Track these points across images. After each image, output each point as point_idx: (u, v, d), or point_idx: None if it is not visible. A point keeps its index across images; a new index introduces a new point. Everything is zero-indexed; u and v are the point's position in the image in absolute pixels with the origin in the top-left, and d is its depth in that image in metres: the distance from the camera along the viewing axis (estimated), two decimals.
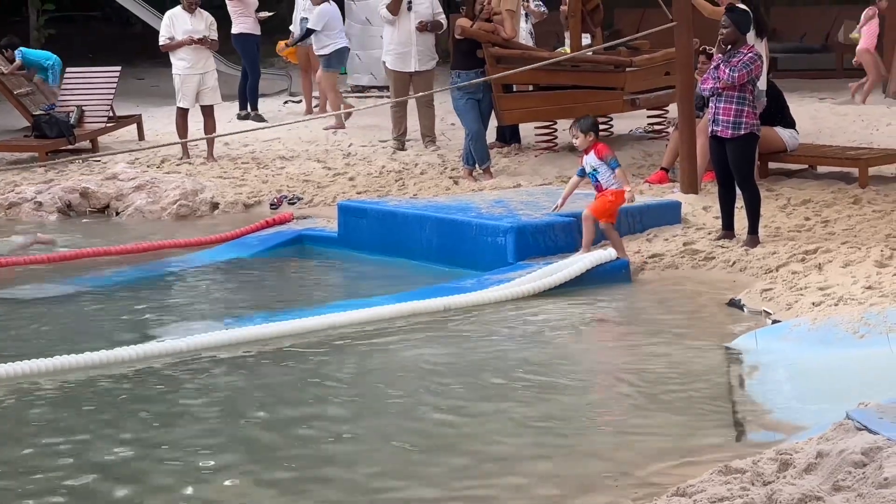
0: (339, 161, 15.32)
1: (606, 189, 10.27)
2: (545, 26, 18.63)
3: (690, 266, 10.14)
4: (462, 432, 6.88)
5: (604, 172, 10.28)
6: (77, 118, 17.16)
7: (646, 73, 14.58)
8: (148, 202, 13.61)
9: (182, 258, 11.39)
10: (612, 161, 10.30)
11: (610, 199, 10.23)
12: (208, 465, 6.43)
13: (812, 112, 17.12)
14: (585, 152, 10.44)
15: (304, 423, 7.05)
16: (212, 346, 8.37)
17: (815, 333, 8.11)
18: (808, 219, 11.12)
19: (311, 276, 11.17)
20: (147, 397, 7.58)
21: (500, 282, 9.80)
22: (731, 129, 10.33)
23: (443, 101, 16.03)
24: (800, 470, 5.39)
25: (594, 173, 10.33)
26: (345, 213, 11.65)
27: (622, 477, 6.11)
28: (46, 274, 10.86)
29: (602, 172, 10.28)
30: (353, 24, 22.03)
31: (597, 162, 10.30)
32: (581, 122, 10.48)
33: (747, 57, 10.31)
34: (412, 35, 15.47)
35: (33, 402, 7.47)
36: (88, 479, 6.26)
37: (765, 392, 7.36)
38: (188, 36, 16.02)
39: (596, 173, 10.32)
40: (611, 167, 10.27)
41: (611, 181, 10.27)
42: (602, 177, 10.28)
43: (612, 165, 10.28)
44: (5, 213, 13.67)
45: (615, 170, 10.26)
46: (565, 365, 8.22)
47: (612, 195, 10.22)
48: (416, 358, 8.30)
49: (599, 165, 10.29)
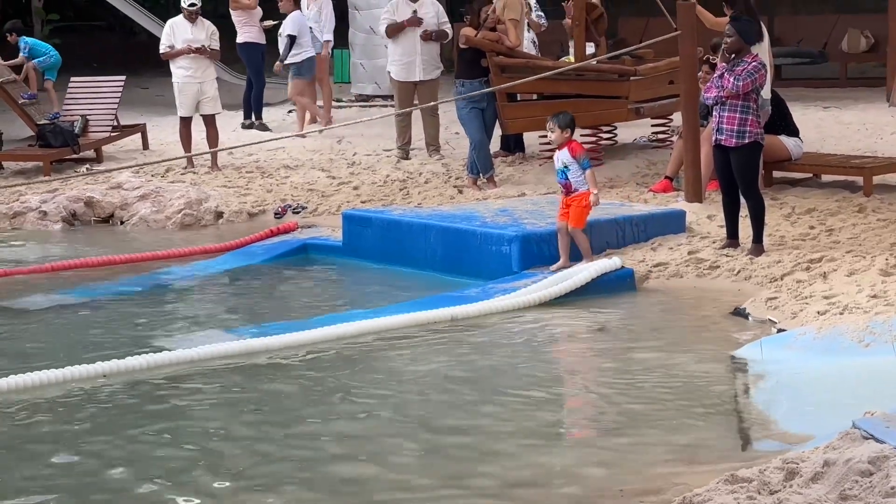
0: (343, 170, 15.33)
1: (575, 189, 10.27)
2: (549, 35, 18.63)
3: (695, 275, 10.14)
4: (463, 441, 6.87)
5: (574, 171, 10.30)
6: (81, 127, 17.18)
7: (650, 82, 14.58)
8: (152, 211, 13.62)
9: (187, 267, 11.38)
10: (585, 161, 10.33)
11: (584, 205, 10.24)
12: (211, 472, 6.44)
13: (816, 121, 17.12)
14: (559, 148, 10.45)
15: (296, 434, 7.06)
16: (215, 356, 8.37)
17: (820, 342, 8.10)
18: (812, 227, 11.12)
19: (316, 285, 11.15)
20: (155, 408, 7.58)
21: (505, 291, 9.80)
22: (735, 138, 10.33)
23: (447, 110, 16.04)
24: (806, 479, 5.39)
25: (564, 170, 10.35)
26: (349, 222, 11.65)
27: (628, 486, 6.10)
28: (52, 284, 10.86)
29: (573, 171, 10.30)
30: (357, 34, 22.07)
31: (569, 159, 10.32)
32: (559, 118, 10.49)
33: (751, 66, 10.31)
34: (417, 44, 15.49)
35: (56, 411, 7.48)
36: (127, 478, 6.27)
37: (770, 401, 7.35)
38: (187, 45, 16.04)
39: (566, 171, 10.33)
40: (582, 167, 10.30)
41: (580, 181, 10.28)
42: (572, 175, 10.30)
43: (583, 165, 10.31)
44: (10, 223, 13.68)
45: (586, 170, 10.28)
46: (569, 374, 8.23)
47: (585, 201, 10.22)
48: (419, 368, 8.30)
49: (571, 163, 10.31)
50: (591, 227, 10.63)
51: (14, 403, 7.55)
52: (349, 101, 21.81)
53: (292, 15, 17.93)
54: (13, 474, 6.47)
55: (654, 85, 14.69)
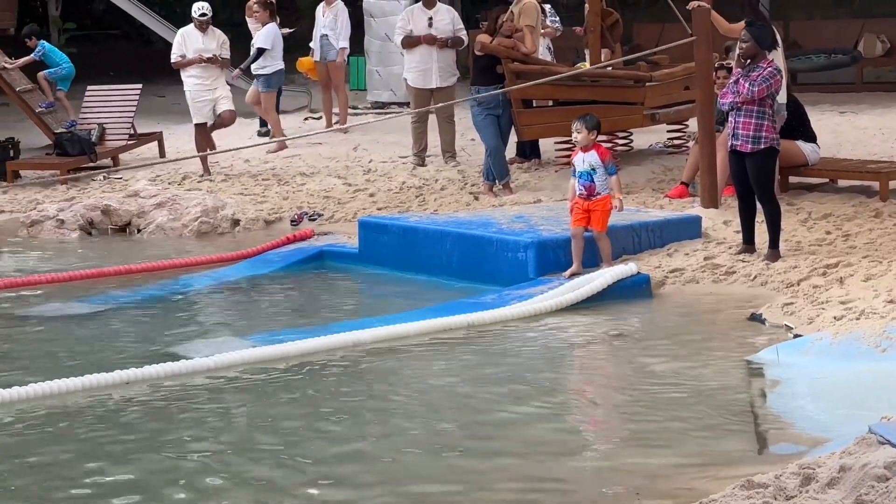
0: (359, 177, 15.36)
1: (598, 192, 10.27)
2: (564, 41, 18.65)
3: (711, 280, 10.13)
4: (478, 446, 6.88)
5: (601, 175, 10.30)
6: (98, 136, 17.25)
7: (665, 88, 14.59)
8: (169, 219, 13.65)
9: (205, 275, 11.40)
10: (612, 167, 10.35)
11: (608, 209, 10.25)
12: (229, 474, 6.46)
13: (833, 126, 17.10)
14: (585, 150, 10.44)
15: (310, 437, 7.08)
16: (233, 364, 8.40)
17: (836, 347, 8.09)
18: (829, 233, 11.11)
19: (332, 292, 11.18)
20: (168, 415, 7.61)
21: (521, 297, 9.80)
22: (750, 144, 10.33)
23: (463, 116, 16.06)
24: (822, 484, 5.38)
25: (590, 172, 10.33)
26: (365, 229, 11.67)
27: (644, 490, 6.11)
28: (72, 291, 10.89)
29: (599, 174, 10.31)
30: (373, 41, 22.10)
31: (598, 162, 10.32)
32: (587, 119, 10.49)
33: (767, 71, 10.31)
34: (433, 52, 15.52)
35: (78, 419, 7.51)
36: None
37: (786, 406, 7.35)
38: (198, 54, 16.12)
39: (593, 173, 10.32)
40: (609, 172, 10.30)
41: (604, 185, 10.28)
42: (598, 178, 10.30)
43: (610, 171, 10.32)
44: (27, 231, 13.72)
45: (613, 176, 10.28)
46: (585, 380, 8.24)
47: (609, 205, 10.24)
48: (434, 375, 8.33)
49: (599, 167, 10.31)
50: (608, 233, 10.64)
51: (36, 410, 7.59)
52: (365, 108, 21.84)
53: (270, 27, 17.94)
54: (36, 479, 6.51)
55: (669, 91, 14.69)
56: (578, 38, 17.84)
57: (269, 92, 17.85)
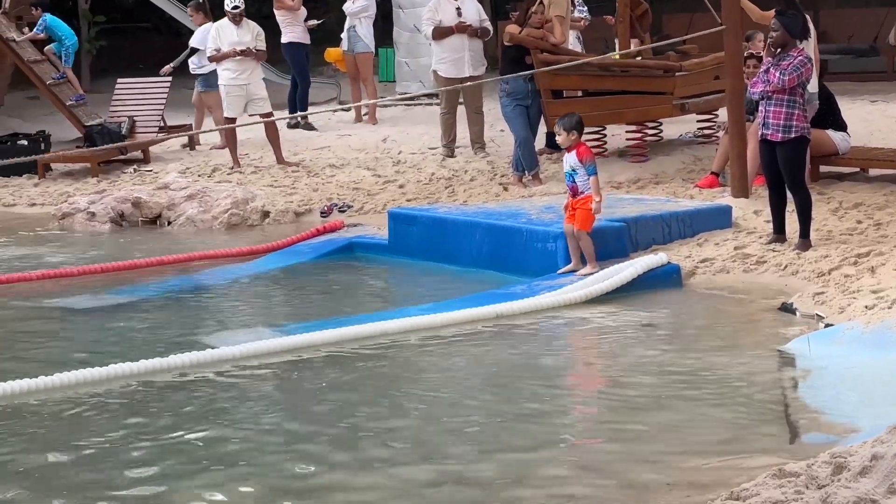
0: (388, 169, 15.37)
1: (581, 192, 10.24)
2: (593, 32, 18.61)
3: (742, 270, 10.11)
4: (509, 434, 6.89)
5: (581, 175, 10.28)
6: (129, 128, 17.30)
7: (695, 78, 14.54)
8: (199, 211, 13.69)
9: (236, 267, 11.45)
10: (590, 167, 10.28)
11: (588, 208, 10.20)
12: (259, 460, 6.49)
13: (863, 115, 17.02)
14: (567, 150, 10.42)
15: (336, 426, 7.11)
16: (260, 353, 8.45)
17: (868, 336, 8.07)
18: (860, 222, 11.06)
19: (362, 283, 11.20)
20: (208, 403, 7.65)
21: (551, 288, 9.80)
22: (781, 133, 10.29)
23: (492, 108, 16.05)
24: (854, 473, 5.37)
25: (572, 173, 10.32)
26: (395, 220, 11.69)
27: (676, 480, 6.10)
28: (102, 283, 10.94)
29: (580, 175, 10.28)
30: (402, 32, 22.10)
31: (576, 163, 10.30)
32: (563, 120, 10.46)
33: (797, 60, 10.27)
34: (465, 40, 15.51)
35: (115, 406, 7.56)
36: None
37: (818, 395, 7.34)
38: (233, 47, 16.14)
39: (574, 174, 10.31)
40: (588, 172, 10.26)
41: (586, 185, 10.25)
42: (579, 179, 10.28)
43: (589, 171, 10.27)
44: (59, 224, 13.78)
45: (591, 176, 10.25)
46: (616, 370, 8.22)
47: (587, 204, 10.20)
48: (464, 364, 8.35)
49: (578, 167, 10.29)
50: (638, 223, 10.63)
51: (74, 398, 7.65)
52: (394, 99, 21.85)
53: (202, 28, 18.07)
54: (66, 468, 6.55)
55: (699, 80, 14.65)
56: (608, 28, 17.81)
57: (208, 91, 17.91)
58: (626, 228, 10.60)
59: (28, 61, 18.29)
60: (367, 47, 19.25)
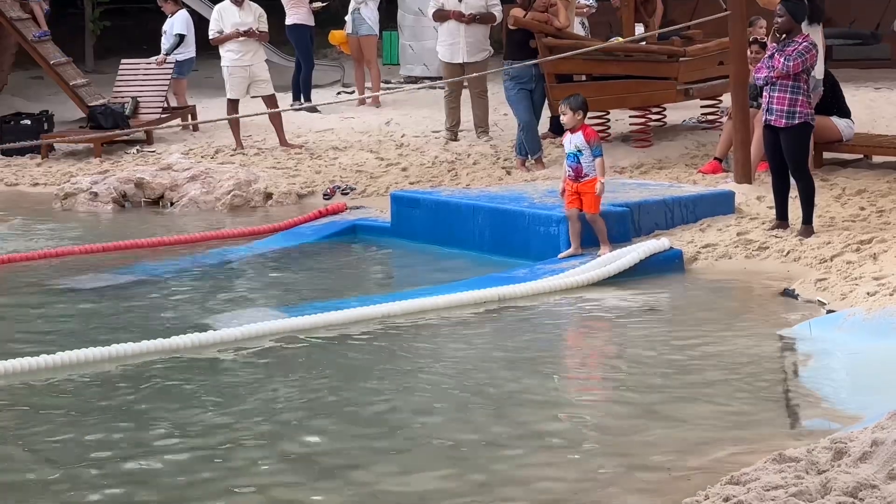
0: (392, 151, 15.36)
1: (585, 174, 10.23)
2: (598, 16, 18.57)
3: (744, 256, 10.11)
4: (506, 417, 6.89)
5: (587, 156, 10.26)
6: (132, 109, 17.29)
7: (699, 63, 14.52)
8: (202, 192, 13.68)
9: (238, 247, 11.46)
10: (597, 149, 10.30)
11: (594, 191, 10.21)
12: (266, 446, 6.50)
13: (867, 102, 16.99)
14: (572, 131, 10.41)
15: (338, 412, 7.11)
16: (269, 332, 8.46)
17: (869, 323, 8.08)
18: (862, 209, 11.06)
19: (364, 265, 11.21)
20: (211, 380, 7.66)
21: (553, 272, 9.81)
22: (785, 119, 10.28)
23: (495, 91, 16.03)
24: (855, 458, 5.37)
25: (577, 154, 10.30)
26: (398, 203, 11.69)
27: (676, 463, 6.11)
28: (104, 263, 10.95)
29: (585, 156, 10.27)
30: (406, 15, 22.06)
31: (583, 144, 10.28)
32: (571, 100, 10.43)
33: (802, 46, 10.26)
34: (460, 27, 15.46)
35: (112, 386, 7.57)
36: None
37: (819, 381, 7.35)
38: (235, 28, 16.13)
39: (579, 154, 10.29)
40: (594, 154, 10.25)
41: (591, 167, 10.24)
42: (584, 160, 10.27)
43: (595, 153, 10.26)
44: (61, 204, 13.78)
45: (598, 158, 10.25)
46: (618, 353, 8.23)
47: (594, 188, 10.20)
48: (465, 347, 8.35)
49: (585, 148, 10.28)
50: (641, 208, 10.62)
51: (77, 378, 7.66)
52: (398, 82, 21.81)
53: (183, 13, 18.45)
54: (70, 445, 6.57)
55: (703, 66, 14.63)
56: (612, 13, 17.76)
57: (179, 78, 18.24)
58: (629, 213, 10.60)
59: (32, 41, 18.27)
60: (371, 30, 19.23)
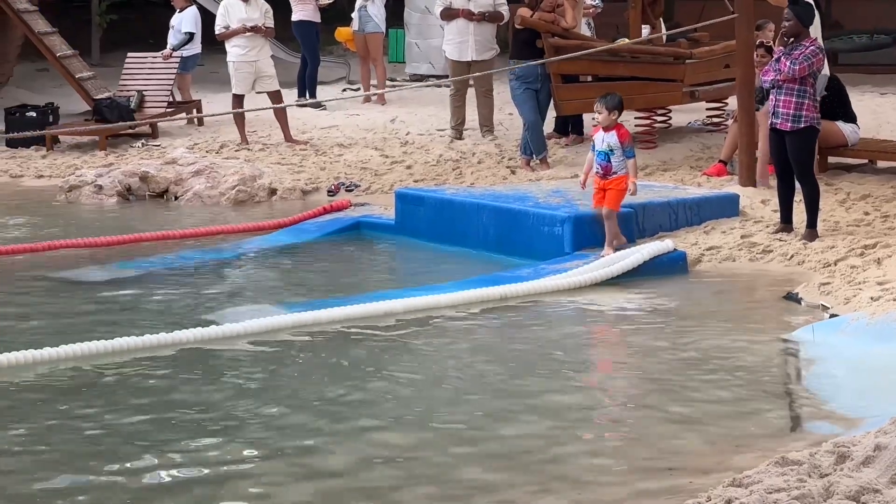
0: (396, 149, 15.36)
1: (614, 172, 10.26)
2: (605, 17, 18.58)
3: (748, 259, 10.11)
4: (508, 418, 6.89)
5: (618, 156, 10.30)
6: (137, 103, 17.30)
7: (705, 66, 14.53)
8: (207, 187, 13.68)
9: (241, 243, 11.45)
10: (630, 150, 10.33)
11: (621, 188, 10.25)
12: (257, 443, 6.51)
13: (873, 107, 17.01)
14: (606, 130, 10.42)
15: (335, 405, 7.13)
16: (267, 329, 8.47)
17: (873, 328, 8.07)
18: (867, 213, 11.06)
19: (368, 262, 11.21)
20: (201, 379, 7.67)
21: (557, 272, 9.81)
22: (790, 122, 10.29)
23: (501, 91, 16.03)
24: (857, 463, 5.37)
25: (608, 153, 10.32)
26: (402, 200, 11.69)
27: (677, 465, 6.11)
28: (109, 256, 10.96)
29: (616, 155, 10.30)
30: (413, 13, 22.09)
31: (616, 143, 10.31)
32: (607, 99, 10.45)
33: (809, 50, 10.27)
34: (469, 25, 15.48)
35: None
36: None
37: (821, 385, 7.34)
38: (242, 24, 16.15)
39: (611, 153, 10.32)
40: (626, 155, 10.28)
41: (620, 166, 10.26)
42: (615, 159, 10.30)
43: (628, 154, 10.30)
44: (66, 196, 13.77)
45: (631, 159, 10.27)
46: (620, 355, 8.23)
47: (623, 184, 10.22)
48: (466, 346, 8.36)
49: (617, 148, 10.30)
50: (645, 209, 10.62)
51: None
52: (403, 80, 21.82)
53: (192, 10, 18.50)
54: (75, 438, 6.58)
55: (709, 68, 14.64)
56: (618, 14, 17.77)
57: (183, 74, 18.40)
58: (633, 214, 10.60)
59: (38, 33, 18.28)
60: (377, 27, 19.24)
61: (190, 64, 18.46)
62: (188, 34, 18.23)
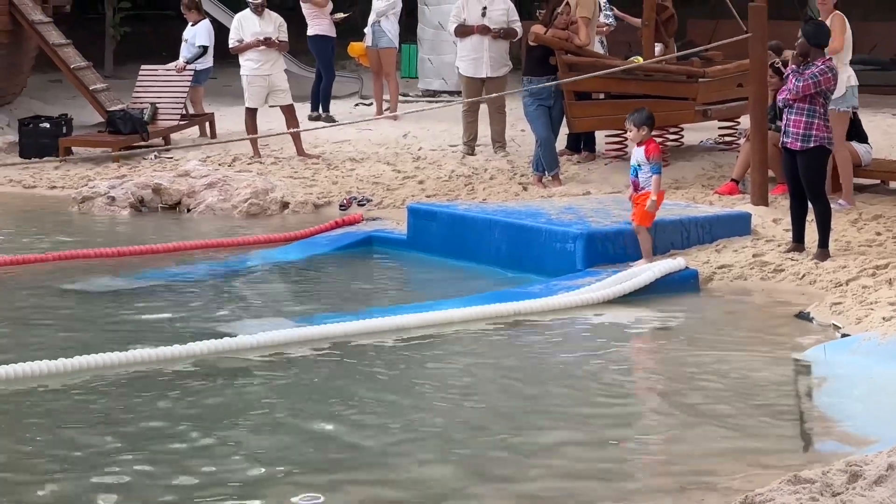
0: (408, 164, 15.38)
1: (643, 188, 10.35)
2: (618, 35, 18.60)
3: (759, 278, 10.11)
4: (522, 434, 6.90)
5: (645, 171, 10.37)
6: (151, 115, 17.34)
7: (718, 85, 14.53)
8: (219, 200, 13.70)
9: (251, 256, 11.47)
10: (655, 166, 10.37)
11: (646, 205, 10.29)
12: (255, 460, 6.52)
13: (885, 127, 17.00)
14: (638, 145, 10.48)
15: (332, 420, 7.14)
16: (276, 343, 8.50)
17: (884, 348, 8.08)
18: (879, 234, 11.07)
19: (379, 277, 11.23)
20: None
21: (569, 288, 9.81)
22: (800, 142, 10.31)
23: (514, 107, 16.05)
24: (870, 482, 5.38)
25: (637, 168, 10.43)
26: (414, 215, 11.70)
27: (689, 484, 6.11)
28: (117, 267, 10.98)
29: (644, 170, 10.37)
30: (426, 29, 22.10)
31: (643, 159, 10.38)
32: (635, 116, 10.51)
33: (818, 69, 10.29)
34: (484, 41, 15.52)
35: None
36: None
37: (833, 404, 7.35)
38: (256, 38, 16.19)
39: (639, 169, 10.41)
40: (651, 171, 10.32)
41: (648, 181, 10.32)
42: (642, 174, 10.40)
43: (653, 170, 10.34)
44: (79, 208, 13.81)
45: (655, 175, 10.31)
46: (631, 372, 8.24)
47: (645, 202, 10.28)
48: (478, 363, 8.37)
49: (644, 163, 10.35)
50: (656, 227, 10.63)
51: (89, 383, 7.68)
52: (416, 95, 21.85)
53: (206, 23, 18.48)
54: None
55: (722, 87, 14.64)
56: (632, 32, 17.78)
57: (196, 87, 18.39)
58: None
59: (52, 44, 18.35)
60: (390, 42, 19.25)
61: (202, 77, 18.53)
62: (202, 47, 18.29)
